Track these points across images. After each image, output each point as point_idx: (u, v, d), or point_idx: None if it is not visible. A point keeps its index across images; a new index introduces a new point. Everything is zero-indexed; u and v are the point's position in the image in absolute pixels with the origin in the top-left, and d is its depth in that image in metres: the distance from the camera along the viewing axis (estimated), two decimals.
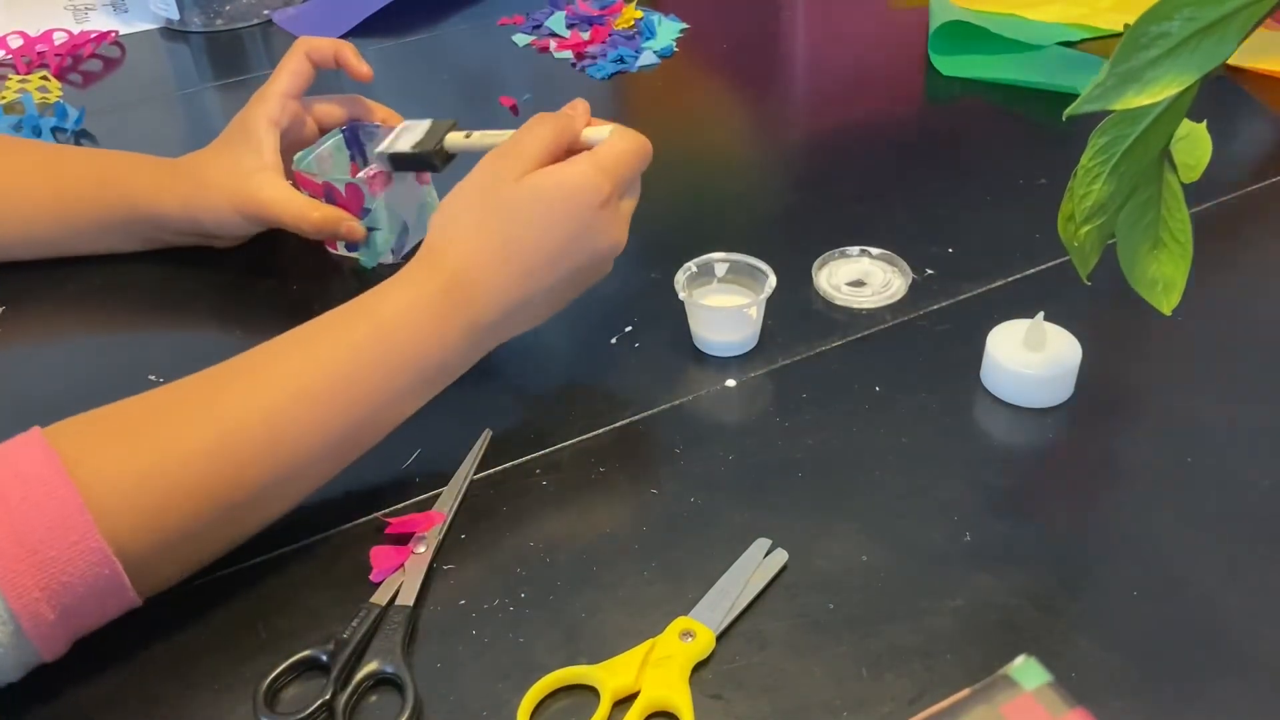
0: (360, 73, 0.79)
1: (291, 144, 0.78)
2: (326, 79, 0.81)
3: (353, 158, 0.82)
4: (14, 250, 0.80)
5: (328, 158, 0.79)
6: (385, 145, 0.74)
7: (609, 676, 0.51)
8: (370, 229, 0.77)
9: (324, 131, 0.81)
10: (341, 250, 0.80)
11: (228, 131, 0.77)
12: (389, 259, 0.79)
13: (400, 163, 0.74)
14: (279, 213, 0.74)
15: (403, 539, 0.58)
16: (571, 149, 0.63)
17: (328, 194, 0.75)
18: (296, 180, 0.76)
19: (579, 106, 0.65)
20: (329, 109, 0.80)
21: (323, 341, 0.57)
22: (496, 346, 0.62)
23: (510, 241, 0.59)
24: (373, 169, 0.75)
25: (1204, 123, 0.59)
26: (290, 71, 0.77)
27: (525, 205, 0.59)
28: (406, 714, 0.50)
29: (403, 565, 0.57)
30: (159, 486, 0.51)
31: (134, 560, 0.50)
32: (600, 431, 0.65)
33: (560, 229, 0.60)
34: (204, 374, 0.56)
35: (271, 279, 0.79)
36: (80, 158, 0.82)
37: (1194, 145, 0.57)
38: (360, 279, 0.79)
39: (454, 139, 0.73)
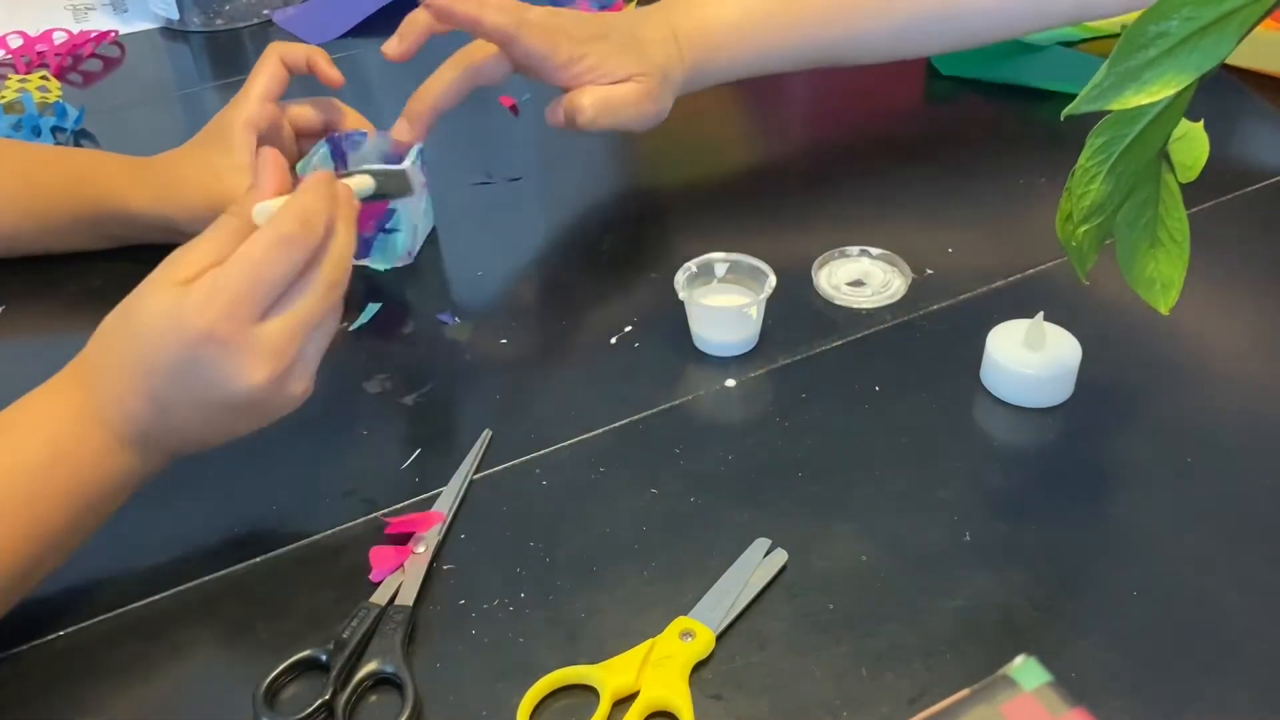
0: (331, 78, 0.79)
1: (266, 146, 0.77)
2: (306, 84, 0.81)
3: (337, 167, 0.81)
4: None
5: (319, 167, 0.79)
6: (356, 190, 0.71)
7: (609, 676, 0.51)
8: (391, 230, 0.76)
9: (300, 135, 0.80)
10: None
11: (203, 133, 0.78)
12: (405, 260, 0.79)
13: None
14: (242, 195, 0.72)
15: (403, 539, 0.58)
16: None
17: None
18: None
19: (262, 176, 0.56)
20: (304, 112, 0.80)
21: None
22: (175, 459, 0.56)
23: (133, 359, 0.53)
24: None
25: (1201, 122, 0.59)
26: (267, 75, 0.77)
27: (155, 324, 0.52)
28: (406, 714, 0.50)
29: (403, 565, 0.57)
30: None
31: None
32: (600, 431, 0.65)
33: (169, 362, 0.52)
34: None
35: None
36: (52, 156, 0.82)
37: (1191, 145, 0.57)
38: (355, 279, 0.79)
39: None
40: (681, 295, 0.69)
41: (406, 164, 0.74)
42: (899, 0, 0.82)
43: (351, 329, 0.74)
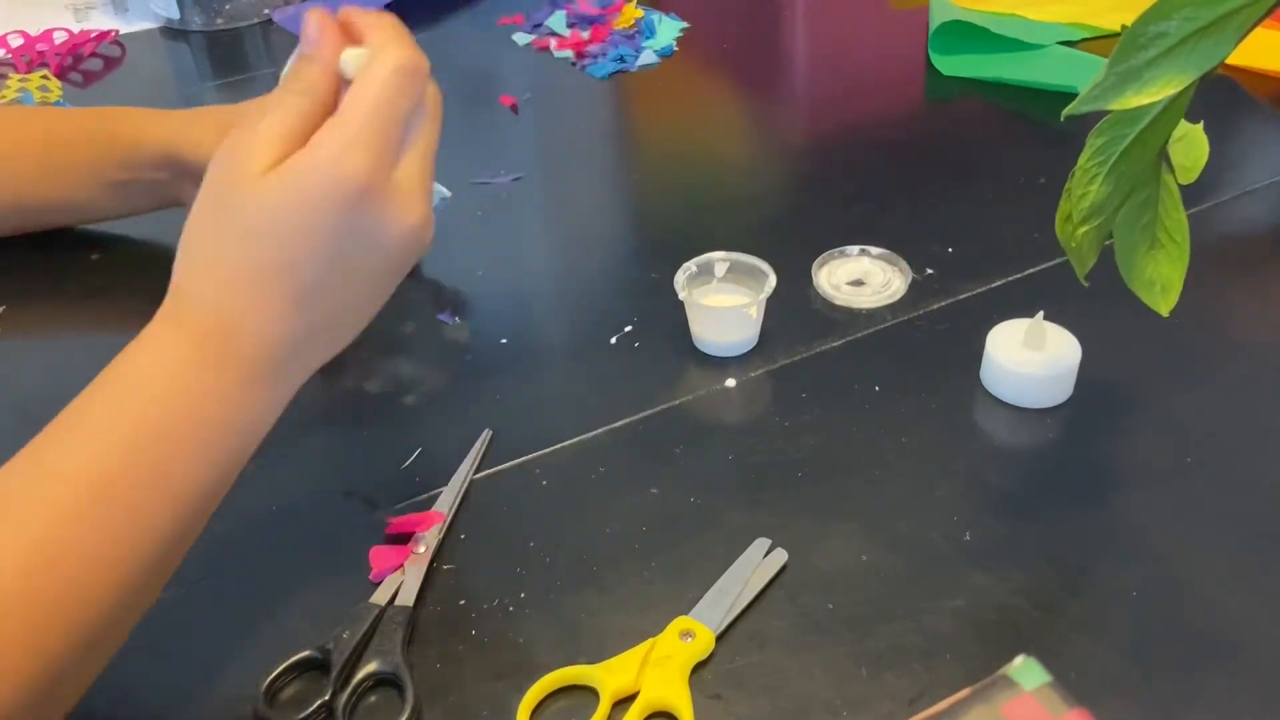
0: None
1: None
2: None
3: None
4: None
5: None
6: None
7: (609, 676, 0.51)
8: None
9: None
10: None
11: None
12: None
13: None
14: None
15: (403, 539, 0.58)
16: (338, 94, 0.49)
17: None
18: None
19: (320, 30, 0.50)
20: None
21: (71, 452, 0.46)
22: (320, 366, 0.51)
23: (265, 265, 0.46)
24: None
25: (1201, 124, 0.59)
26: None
27: (271, 215, 0.46)
28: (406, 714, 0.50)
29: (403, 565, 0.57)
30: None
31: None
32: (600, 431, 0.65)
33: (322, 238, 0.46)
34: None
35: None
36: (73, 112, 0.82)
37: (1191, 146, 0.57)
38: None
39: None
40: (681, 295, 0.69)
41: None
42: None
43: None
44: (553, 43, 1.12)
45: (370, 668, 0.52)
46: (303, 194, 0.46)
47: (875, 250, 0.77)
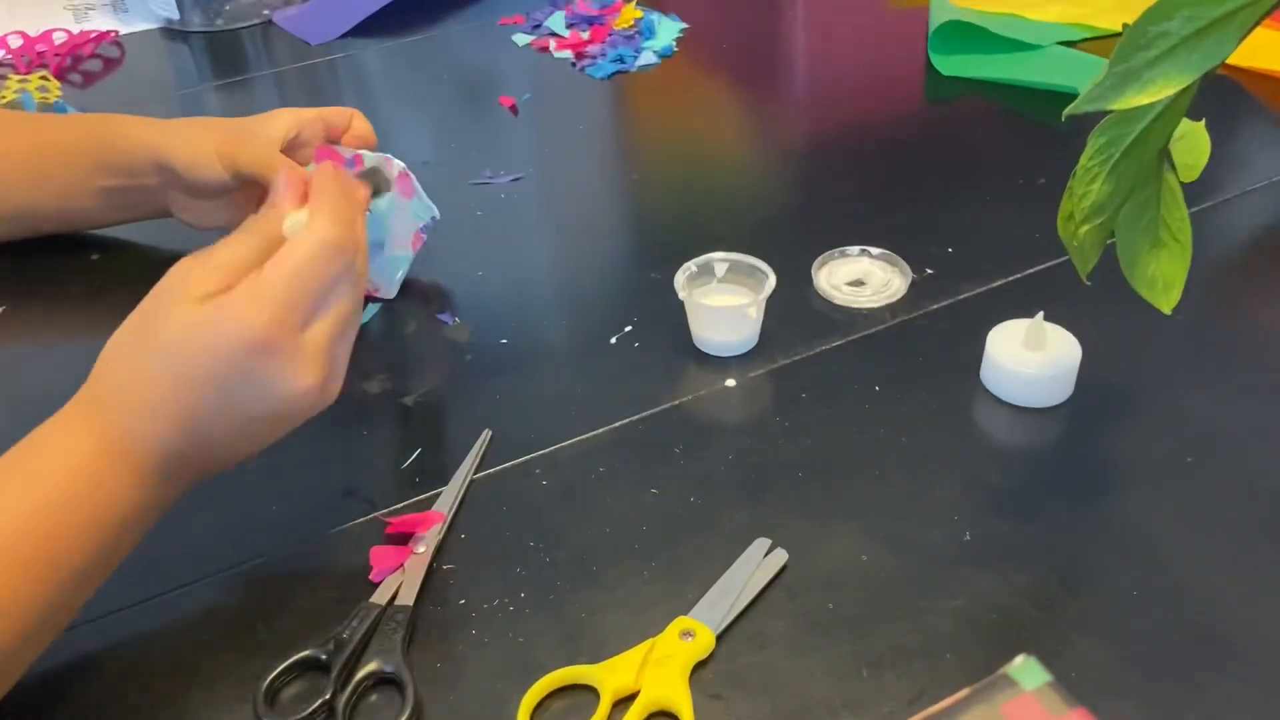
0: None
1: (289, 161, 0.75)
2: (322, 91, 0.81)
3: None
4: None
5: None
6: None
7: (609, 676, 0.51)
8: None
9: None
10: None
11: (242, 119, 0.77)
12: (384, 291, 0.77)
13: None
14: (258, 158, 0.70)
15: (403, 539, 0.58)
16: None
17: None
18: None
19: (285, 185, 0.55)
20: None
21: None
22: (201, 480, 0.54)
23: (168, 381, 0.50)
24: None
25: (1203, 122, 0.59)
26: (333, 109, 0.75)
27: (185, 340, 0.50)
28: (406, 714, 0.50)
29: (403, 565, 0.57)
30: None
31: None
32: (600, 431, 0.65)
33: (218, 374, 0.50)
34: None
35: None
36: (65, 119, 0.82)
37: (1193, 145, 0.57)
38: None
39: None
40: (681, 295, 0.69)
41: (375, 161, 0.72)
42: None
43: None
44: (552, 43, 1.12)
45: (370, 667, 0.52)
46: (212, 331, 0.49)
47: (875, 250, 0.77)
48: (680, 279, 0.70)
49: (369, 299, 0.75)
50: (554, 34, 1.13)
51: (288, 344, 0.50)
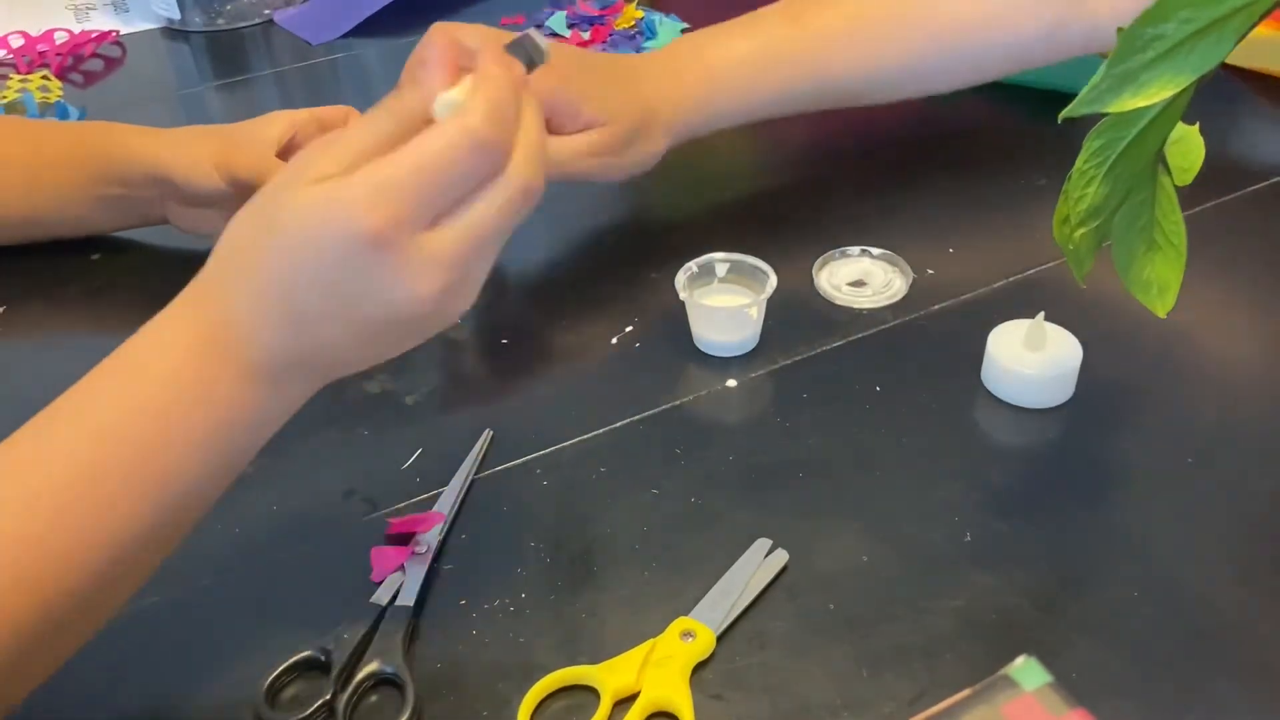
0: None
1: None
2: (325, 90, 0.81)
3: None
4: None
5: None
6: None
7: (609, 676, 0.51)
8: None
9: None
10: None
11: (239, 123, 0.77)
12: None
13: None
14: (253, 165, 0.70)
15: (403, 539, 0.58)
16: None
17: None
18: None
19: (435, 55, 0.47)
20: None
21: (70, 425, 0.46)
22: (323, 386, 0.50)
23: (272, 276, 0.45)
24: None
25: (1196, 125, 0.59)
26: (330, 109, 0.76)
27: (291, 229, 0.44)
28: (406, 714, 0.50)
29: (403, 565, 0.57)
30: None
31: None
32: (600, 431, 0.65)
33: (324, 271, 0.44)
34: None
35: None
36: (63, 127, 0.82)
37: (1187, 148, 0.57)
38: None
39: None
40: (682, 295, 0.69)
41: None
42: (917, 37, 0.80)
43: None
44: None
45: (371, 668, 0.52)
46: (319, 220, 0.44)
47: (876, 250, 0.77)
48: (681, 279, 0.70)
49: None
50: (555, 34, 1.13)
51: (405, 244, 0.44)
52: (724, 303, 0.71)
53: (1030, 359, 0.65)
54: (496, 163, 0.45)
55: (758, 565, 0.56)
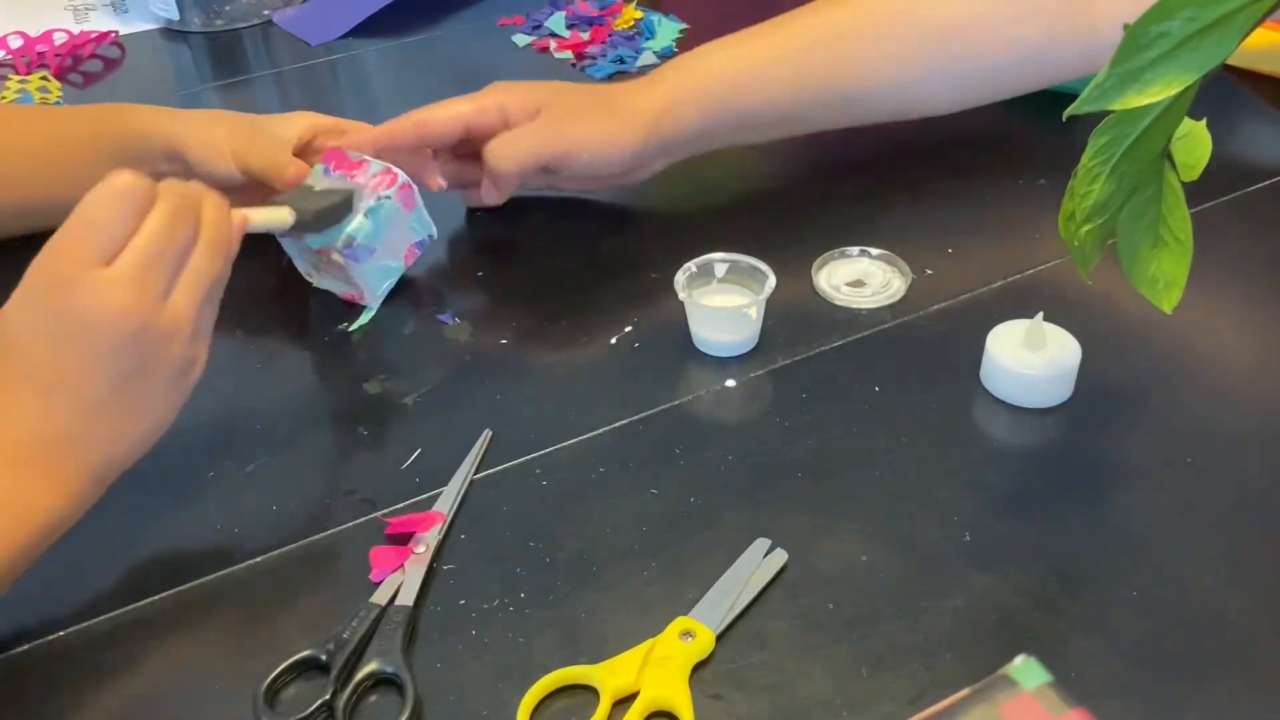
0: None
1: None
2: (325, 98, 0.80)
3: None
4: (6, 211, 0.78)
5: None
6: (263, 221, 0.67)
7: (609, 676, 0.51)
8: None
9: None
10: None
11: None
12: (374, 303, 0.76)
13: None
14: (268, 158, 0.71)
15: (403, 539, 0.58)
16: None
17: None
18: None
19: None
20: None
21: None
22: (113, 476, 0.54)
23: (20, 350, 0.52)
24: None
25: (1204, 121, 0.59)
26: (353, 123, 0.77)
27: (8, 309, 0.53)
28: (406, 714, 0.50)
29: (403, 565, 0.57)
30: None
31: None
32: (600, 431, 0.65)
33: (40, 323, 0.52)
34: None
35: (275, 279, 0.79)
36: (78, 110, 0.81)
37: (1194, 144, 0.57)
38: None
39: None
40: (681, 295, 0.69)
41: (357, 180, 0.72)
42: (910, 57, 0.80)
43: (351, 330, 0.74)
44: (552, 44, 1.11)
45: (370, 668, 0.52)
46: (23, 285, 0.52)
47: (875, 251, 0.77)
48: (680, 279, 0.70)
49: (356, 305, 0.75)
50: (554, 34, 1.13)
51: (84, 276, 0.51)
52: (723, 303, 0.71)
53: (1029, 359, 0.65)
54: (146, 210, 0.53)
55: (757, 565, 0.56)
